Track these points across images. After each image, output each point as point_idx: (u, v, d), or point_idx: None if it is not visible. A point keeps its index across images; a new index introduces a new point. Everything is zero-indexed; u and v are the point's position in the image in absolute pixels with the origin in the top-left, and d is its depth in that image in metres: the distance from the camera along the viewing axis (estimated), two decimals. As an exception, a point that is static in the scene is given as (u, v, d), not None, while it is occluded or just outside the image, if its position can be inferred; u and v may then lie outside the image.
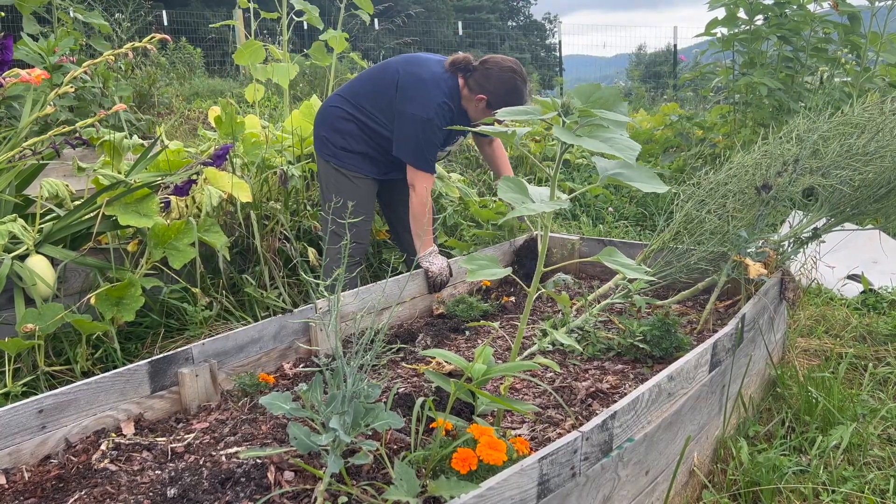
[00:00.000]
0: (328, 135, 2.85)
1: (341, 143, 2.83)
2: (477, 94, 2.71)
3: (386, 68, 2.87)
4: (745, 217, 2.39)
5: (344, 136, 2.83)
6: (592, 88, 1.48)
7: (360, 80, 2.92)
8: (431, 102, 2.69)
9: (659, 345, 2.12)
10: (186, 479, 1.46)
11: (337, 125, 2.85)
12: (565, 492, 1.29)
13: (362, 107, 2.82)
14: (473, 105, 2.76)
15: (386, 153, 2.84)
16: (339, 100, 2.87)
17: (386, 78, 2.82)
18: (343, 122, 2.84)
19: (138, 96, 6.98)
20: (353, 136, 2.83)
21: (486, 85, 2.70)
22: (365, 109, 2.82)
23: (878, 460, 1.93)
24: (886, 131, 2.39)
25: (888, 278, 3.30)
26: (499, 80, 2.69)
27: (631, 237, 4.33)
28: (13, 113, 3.27)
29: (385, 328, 1.46)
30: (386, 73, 2.83)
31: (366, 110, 2.81)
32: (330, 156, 2.85)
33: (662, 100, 10.12)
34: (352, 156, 2.84)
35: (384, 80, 2.81)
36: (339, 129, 2.84)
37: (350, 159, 2.84)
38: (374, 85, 2.84)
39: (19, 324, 2.07)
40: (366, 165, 2.86)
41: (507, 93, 2.70)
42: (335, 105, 2.87)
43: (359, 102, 2.83)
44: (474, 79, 2.72)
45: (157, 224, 2.42)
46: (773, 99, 4.83)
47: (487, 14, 33.49)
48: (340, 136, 2.84)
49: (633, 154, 1.37)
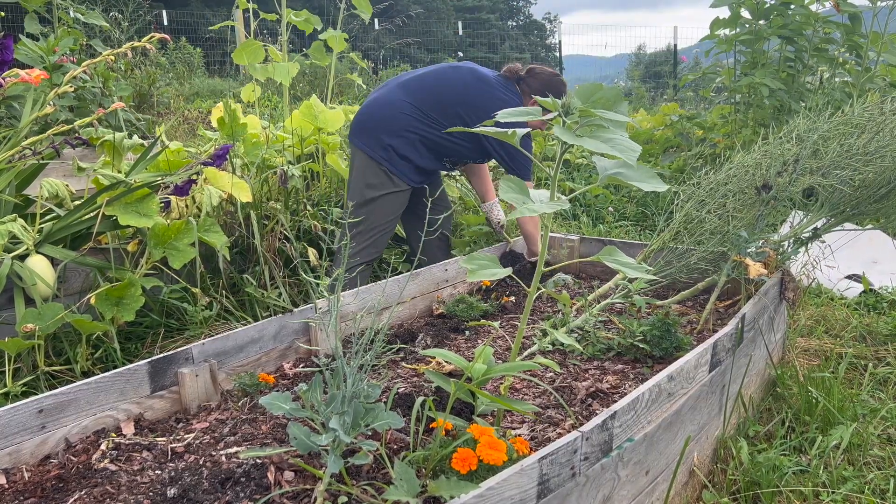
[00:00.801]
0: (394, 140, 2.87)
1: (404, 151, 2.88)
2: (531, 97, 2.94)
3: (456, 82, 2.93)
4: (745, 217, 2.39)
5: (409, 146, 2.88)
6: (594, 88, 1.48)
7: (425, 88, 2.93)
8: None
9: (659, 345, 2.12)
10: (186, 479, 1.45)
11: (407, 134, 2.88)
12: (565, 492, 1.29)
13: (433, 116, 2.88)
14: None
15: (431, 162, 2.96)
16: (410, 108, 2.88)
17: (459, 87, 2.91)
18: (413, 131, 2.88)
19: (138, 96, 6.97)
20: (417, 147, 2.89)
21: (539, 88, 2.97)
22: (437, 120, 2.88)
23: (878, 460, 1.92)
24: (886, 131, 2.39)
25: (888, 278, 3.30)
26: (551, 84, 2.97)
27: (631, 237, 4.32)
28: (13, 113, 3.26)
29: (385, 328, 1.46)
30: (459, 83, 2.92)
31: (438, 120, 2.88)
32: (386, 160, 2.88)
33: (662, 100, 10.12)
34: (408, 166, 2.90)
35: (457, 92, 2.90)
36: (409, 139, 2.88)
37: (405, 168, 2.90)
38: (445, 96, 2.90)
39: (19, 324, 2.07)
40: (415, 175, 2.94)
41: (557, 95, 2.91)
42: (406, 113, 2.87)
43: (429, 111, 2.88)
44: (527, 83, 2.99)
45: (157, 224, 2.42)
46: (775, 99, 4.83)
47: (487, 14, 33.51)
48: (405, 145, 2.88)
49: (633, 155, 1.37)
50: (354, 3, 3.96)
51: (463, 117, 2.86)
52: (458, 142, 2.90)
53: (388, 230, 2.96)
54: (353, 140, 2.95)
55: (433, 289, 2.72)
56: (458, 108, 2.87)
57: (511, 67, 3.03)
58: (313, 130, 3.44)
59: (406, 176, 2.91)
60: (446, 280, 2.78)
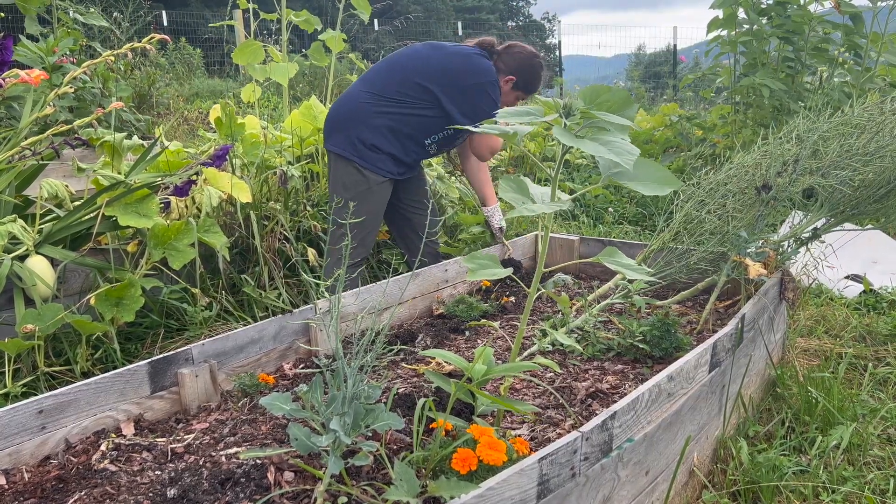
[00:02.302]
0: (361, 132, 2.81)
1: (373, 140, 2.80)
2: (506, 74, 2.84)
3: (411, 55, 2.88)
4: (744, 217, 2.39)
5: (377, 134, 2.80)
6: (601, 90, 1.47)
7: (380, 73, 2.88)
8: (488, 68, 2.79)
9: (659, 345, 2.12)
10: (186, 480, 1.45)
11: (371, 121, 2.81)
12: (565, 492, 1.29)
13: (393, 96, 2.80)
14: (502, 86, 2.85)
15: (411, 150, 2.86)
16: (368, 96, 2.83)
17: (415, 60, 2.83)
18: (377, 117, 2.81)
19: (138, 97, 6.98)
20: (385, 134, 2.81)
21: (513, 66, 2.85)
22: (397, 98, 2.79)
23: (878, 460, 1.92)
24: (886, 131, 2.39)
25: (888, 278, 3.31)
26: (527, 62, 2.87)
27: (631, 237, 4.33)
28: (13, 113, 3.26)
29: (385, 329, 1.46)
30: (414, 57, 2.85)
31: (398, 98, 2.79)
32: (355, 155, 2.81)
33: (662, 100, 10.12)
34: (379, 157, 2.82)
35: (414, 63, 2.82)
36: (374, 126, 2.81)
37: (377, 160, 2.82)
38: (403, 72, 2.83)
39: (19, 324, 2.07)
40: (391, 166, 2.85)
41: (533, 76, 2.87)
42: (366, 101, 2.83)
43: (388, 92, 2.81)
44: (503, 60, 2.87)
45: (157, 224, 2.42)
46: (775, 99, 4.83)
47: (487, 14, 33.53)
48: (374, 134, 2.80)
49: (631, 159, 1.36)
50: (353, 3, 3.96)
51: (424, 85, 2.77)
52: (421, 112, 2.80)
53: (373, 228, 2.90)
54: (326, 145, 2.93)
55: (433, 289, 2.72)
56: (417, 79, 2.78)
57: (484, 39, 2.92)
58: (312, 131, 3.44)
59: (378, 168, 2.82)
60: (446, 280, 2.78)
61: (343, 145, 2.84)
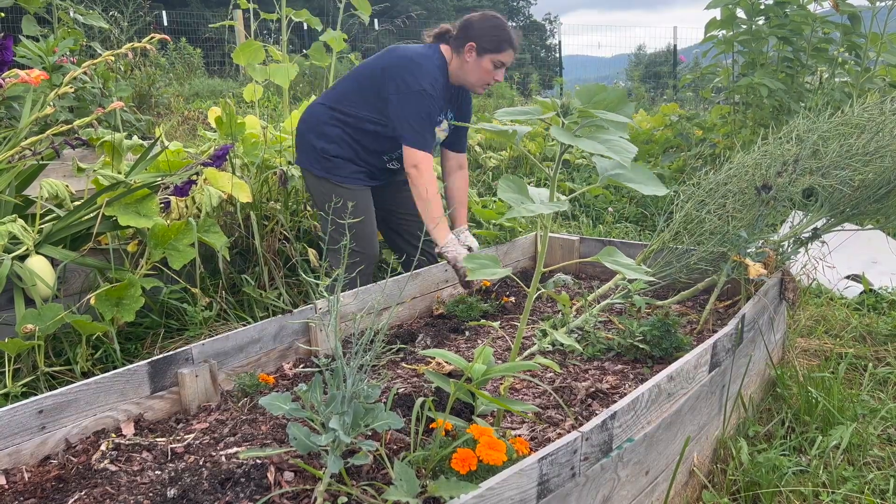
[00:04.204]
0: (314, 140, 2.82)
1: (328, 148, 2.80)
2: (463, 46, 2.70)
3: (366, 63, 2.86)
4: (744, 217, 2.39)
5: (331, 141, 2.81)
6: (597, 89, 1.47)
7: (340, 83, 2.90)
8: (421, 74, 2.67)
9: (659, 345, 2.12)
10: (186, 480, 1.46)
11: (323, 129, 2.82)
12: (565, 492, 1.29)
13: (347, 107, 2.79)
14: (467, 66, 2.73)
15: (370, 158, 2.84)
16: (322, 108, 2.85)
17: (369, 68, 2.80)
18: (329, 126, 2.81)
19: (138, 97, 6.98)
20: (339, 141, 2.81)
21: (469, 33, 2.70)
22: (350, 109, 2.79)
23: (878, 460, 1.92)
24: (886, 131, 2.39)
25: (888, 278, 3.30)
26: (479, 24, 2.71)
27: (631, 237, 4.32)
28: (13, 113, 3.26)
29: (385, 328, 1.46)
30: (368, 66, 2.82)
31: (351, 110, 2.79)
32: (319, 168, 2.82)
33: (662, 100, 10.11)
34: (342, 163, 2.81)
35: (367, 73, 2.79)
36: (326, 134, 2.82)
37: (340, 169, 2.81)
38: (358, 82, 2.82)
39: (19, 324, 2.07)
40: (360, 177, 2.84)
41: (493, 28, 2.70)
42: (321, 114, 2.84)
43: (342, 104, 2.81)
44: (456, 37, 2.74)
45: (157, 224, 2.42)
46: (774, 99, 4.83)
47: (487, 14, 33.38)
48: (327, 141, 2.81)
49: (629, 156, 1.37)
50: (353, 3, 3.96)
51: (378, 92, 2.73)
52: (369, 115, 2.76)
53: (363, 236, 2.84)
54: (298, 163, 2.95)
55: (433, 289, 2.72)
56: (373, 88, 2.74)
57: (442, 27, 2.85)
58: (313, 131, 3.43)
59: (347, 178, 2.81)
60: (446, 280, 2.78)
61: (310, 161, 2.86)
